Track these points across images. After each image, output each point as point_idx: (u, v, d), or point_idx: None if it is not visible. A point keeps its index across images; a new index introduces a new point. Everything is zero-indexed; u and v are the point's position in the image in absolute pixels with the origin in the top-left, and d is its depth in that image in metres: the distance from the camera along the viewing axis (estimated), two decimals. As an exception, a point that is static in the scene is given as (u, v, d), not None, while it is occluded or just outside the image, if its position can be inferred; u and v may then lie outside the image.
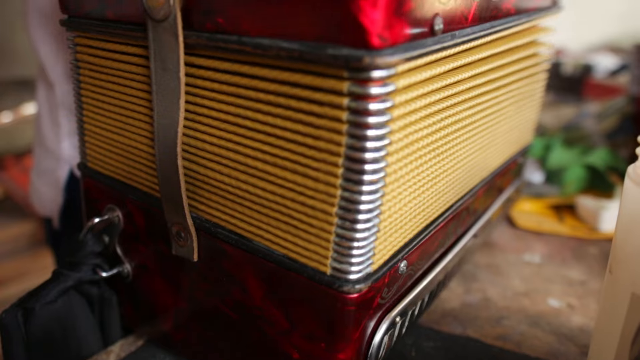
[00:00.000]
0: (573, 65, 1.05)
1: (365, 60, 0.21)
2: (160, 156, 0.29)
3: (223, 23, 0.25)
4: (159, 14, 0.26)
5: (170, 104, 0.27)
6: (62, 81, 0.49)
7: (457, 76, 0.29)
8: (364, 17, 0.21)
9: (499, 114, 0.37)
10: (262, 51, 0.23)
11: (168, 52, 0.26)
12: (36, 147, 0.56)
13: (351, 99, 0.22)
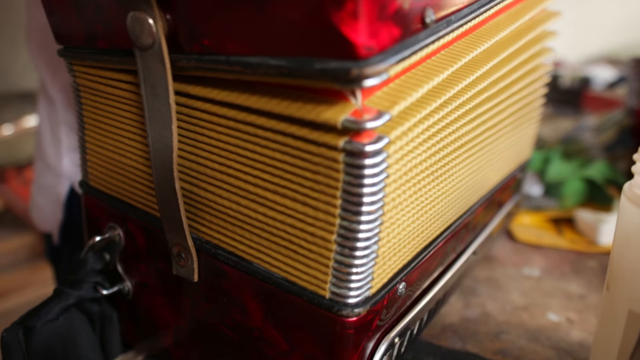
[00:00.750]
0: (571, 77, 1.06)
1: (353, 72, 0.21)
2: (158, 179, 0.29)
3: (209, 45, 0.25)
4: (145, 42, 0.26)
5: (162, 129, 0.28)
6: (63, 98, 0.49)
7: (457, 86, 0.28)
8: (346, 28, 0.20)
9: (498, 129, 0.38)
10: (251, 70, 0.23)
11: (156, 78, 0.27)
12: (37, 162, 0.56)
13: (346, 142, 0.22)
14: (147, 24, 0.25)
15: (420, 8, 0.23)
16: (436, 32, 0.25)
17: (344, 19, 0.20)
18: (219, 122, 0.27)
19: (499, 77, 0.34)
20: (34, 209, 0.59)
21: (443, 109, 0.28)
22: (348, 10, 0.20)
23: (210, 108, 0.27)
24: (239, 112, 0.26)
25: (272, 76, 0.23)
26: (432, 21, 0.24)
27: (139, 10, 0.25)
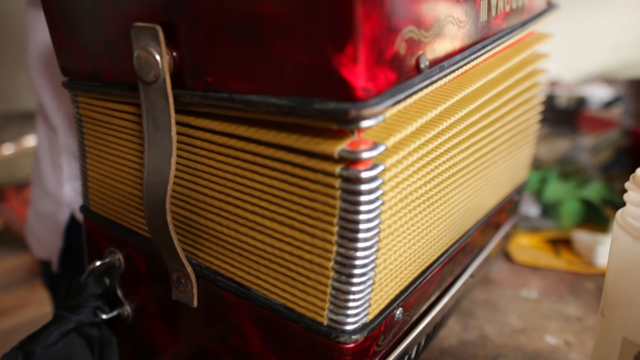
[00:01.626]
0: (567, 98, 1.07)
1: (351, 113, 0.21)
2: (150, 212, 0.30)
3: (213, 82, 0.26)
4: (149, 76, 0.26)
5: (161, 161, 0.28)
6: (65, 126, 0.50)
7: (450, 119, 0.29)
8: (346, 72, 0.21)
9: (493, 154, 0.38)
10: (253, 108, 0.24)
11: (159, 112, 0.27)
12: (35, 187, 0.56)
13: (343, 168, 0.23)
14: (154, 60, 0.26)
15: (415, 54, 0.24)
16: (430, 76, 0.26)
17: (344, 63, 0.21)
18: (219, 150, 0.27)
19: (493, 100, 0.35)
20: (30, 236, 0.58)
21: (438, 137, 0.29)
22: (348, 54, 0.21)
23: (210, 137, 0.27)
24: (238, 140, 0.26)
25: (273, 114, 0.24)
26: (426, 67, 0.25)
27: (147, 47, 0.26)
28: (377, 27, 0.21)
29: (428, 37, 0.25)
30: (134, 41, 0.26)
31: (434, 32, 0.25)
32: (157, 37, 0.25)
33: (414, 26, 0.24)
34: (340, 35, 0.20)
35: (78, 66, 0.33)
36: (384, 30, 0.22)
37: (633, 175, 0.26)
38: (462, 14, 0.28)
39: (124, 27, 0.28)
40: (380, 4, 0.21)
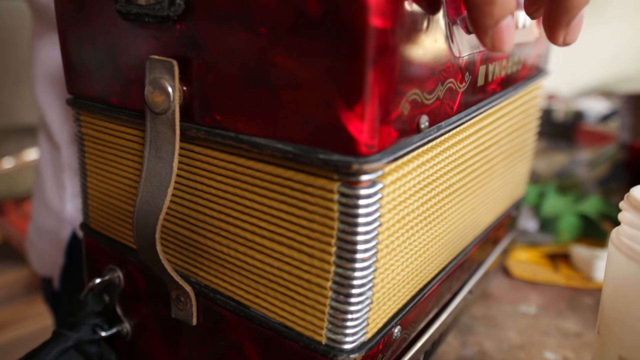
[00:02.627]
0: (565, 112, 1.07)
1: (353, 167, 0.22)
2: (139, 242, 0.30)
3: (220, 120, 0.26)
4: (159, 107, 0.27)
5: (157, 191, 0.29)
6: (69, 144, 0.50)
7: (447, 144, 0.30)
8: (352, 128, 0.22)
9: (491, 170, 0.39)
10: (258, 150, 0.25)
11: (164, 142, 0.28)
12: (36, 204, 0.56)
13: (341, 195, 0.23)
14: (166, 92, 0.26)
15: (416, 114, 0.26)
16: (428, 136, 0.27)
17: (352, 120, 0.22)
18: (218, 170, 0.28)
19: (490, 116, 0.36)
20: (31, 252, 0.58)
21: (436, 157, 0.29)
22: (357, 112, 0.22)
23: (211, 161, 0.28)
24: (237, 157, 0.27)
25: (278, 159, 0.25)
26: (426, 127, 0.26)
27: (160, 79, 0.27)
28: (386, 90, 0.22)
29: (430, 100, 0.26)
30: (148, 72, 0.27)
31: (435, 94, 0.27)
32: (172, 70, 0.26)
33: (418, 89, 0.25)
34: (351, 95, 0.22)
35: (86, 87, 0.33)
36: (391, 93, 0.23)
37: (627, 195, 0.26)
38: (462, 79, 0.29)
39: (138, 58, 0.29)
40: (391, 70, 0.22)
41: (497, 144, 0.38)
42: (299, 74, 0.23)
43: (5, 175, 1.56)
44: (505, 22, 0.23)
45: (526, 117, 0.43)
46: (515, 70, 0.38)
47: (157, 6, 0.26)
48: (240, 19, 0.24)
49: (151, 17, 0.27)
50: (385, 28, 0.21)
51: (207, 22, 0.25)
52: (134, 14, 0.27)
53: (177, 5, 0.26)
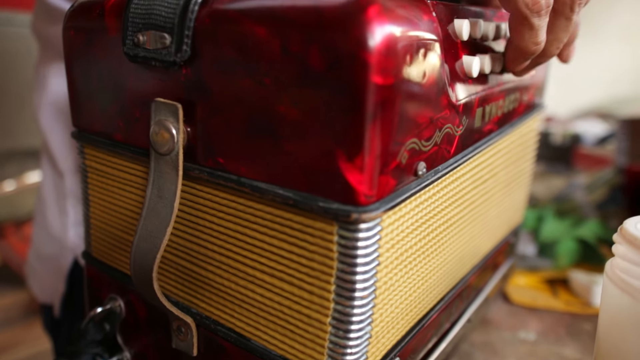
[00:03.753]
0: (562, 135, 1.08)
1: (352, 216, 0.23)
2: (137, 278, 0.31)
3: (223, 163, 0.27)
4: (163, 148, 0.28)
5: (156, 229, 0.29)
6: (72, 172, 0.50)
7: (444, 182, 0.30)
8: (352, 178, 0.23)
9: (488, 202, 0.39)
10: (259, 194, 0.26)
11: (166, 182, 0.28)
12: (38, 230, 0.56)
13: (340, 237, 0.24)
14: (170, 133, 0.27)
15: (414, 162, 0.26)
16: (425, 180, 0.28)
17: (351, 170, 0.23)
18: (219, 208, 0.28)
19: (487, 157, 0.36)
20: (33, 279, 0.58)
21: (433, 196, 0.30)
22: (357, 164, 0.23)
23: (213, 198, 0.28)
24: (238, 198, 0.27)
25: (279, 204, 0.25)
26: (423, 173, 0.27)
27: (165, 121, 0.27)
28: (385, 142, 0.23)
29: (427, 146, 0.27)
30: (153, 114, 0.28)
31: (433, 141, 0.27)
32: (177, 114, 0.27)
33: (416, 138, 0.26)
34: (351, 147, 0.22)
35: (91, 122, 0.34)
36: (390, 145, 0.24)
37: (620, 227, 0.27)
38: (459, 123, 0.30)
39: (144, 98, 0.29)
40: (391, 123, 0.23)
41: (494, 176, 0.39)
42: (302, 124, 0.23)
43: (6, 198, 1.57)
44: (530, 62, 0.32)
45: (524, 148, 0.44)
46: (512, 109, 0.39)
47: (164, 51, 0.27)
48: (245, 68, 0.25)
49: (158, 62, 0.27)
50: (385, 84, 0.22)
51: (213, 68, 0.26)
52: (142, 57, 0.28)
53: (183, 52, 0.26)
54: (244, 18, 0.24)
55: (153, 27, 0.27)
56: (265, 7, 0.24)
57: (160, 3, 0.27)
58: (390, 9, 0.23)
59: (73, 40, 0.33)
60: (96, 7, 0.31)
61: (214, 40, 0.26)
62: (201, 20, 0.26)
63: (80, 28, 0.32)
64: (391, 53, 0.22)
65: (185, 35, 0.26)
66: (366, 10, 0.22)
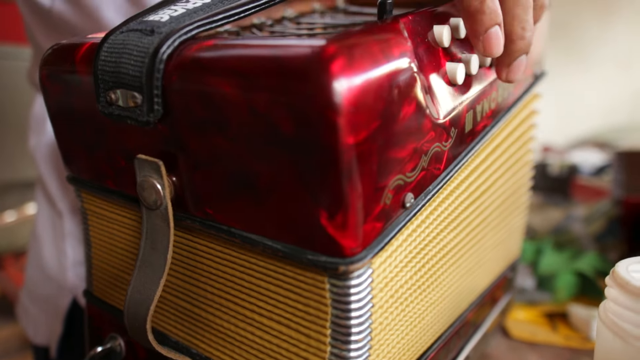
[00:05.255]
0: (559, 165, 1.09)
1: (340, 268, 0.23)
2: (131, 329, 0.31)
3: (212, 214, 0.27)
4: (151, 203, 0.28)
5: (149, 281, 0.29)
6: (71, 212, 0.50)
7: (436, 202, 0.30)
8: (335, 234, 0.23)
9: (484, 225, 0.39)
10: (250, 245, 0.26)
11: (159, 234, 0.28)
12: (32, 271, 0.55)
13: (332, 285, 0.24)
14: (156, 190, 0.27)
15: (401, 196, 0.26)
16: (415, 207, 0.27)
17: (333, 227, 0.23)
18: (216, 253, 0.29)
19: (480, 160, 0.35)
20: (26, 320, 0.56)
21: (425, 220, 0.29)
22: (338, 221, 0.23)
23: (207, 250, 0.29)
24: (231, 250, 0.28)
25: (269, 255, 0.25)
26: (412, 203, 0.27)
27: (149, 178, 0.27)
28: (366, 194, 0.23)
29: (413, 176, 0.26)
30: (137, 170, 0.28)
31: (419, 168, 0.27)
32: (159, 170, 0.27)
33: (400, 174, 0.25)
34: (331, 206, 0.22)
35: (82, 170, 0.34)
36: (371, 195, 0.23)
37: (612, 271, 0.27)
38: (447, 137, 0.29)
39: (126, 149, 0.29)
40: (369, 174, 0.23)
41: (489, 189, 0.37)
42: (279, 183, 0.23)
43: (6, 229, 1.57)
44: (493, 30, 0.27)
45: (518, 171, 0.43)
46: (507, 95, 0.37)
47: (137, 110, 0.26)
48: (216, 126, 0.24)
49: (133, 120, 0.27)
50: (358, 141, 0.22)
51: (187, 125, 0.26)
52: (116, 115, 0.27)
53: (155, 111, 0.26)
54: (209, 74, 0.24)
55: (123, 86, 0.26)
56: (228, 62, 0.23)
57: (126, 60, 0.26)
58: (356, 59, 0.21)
59: (50, 90, 0.32)
60: (68, 58, 0.31)
61: (183, 98, 0.25)
62: (168, 77, 0.25)
63: (55, 78, 0.32)
64: (361, 107, 0.21)
65: (155, 95, 0.26)
66: (329, 66, 0.20)
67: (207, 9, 0.28)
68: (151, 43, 0.26)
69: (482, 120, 0.33)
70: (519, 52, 0.29)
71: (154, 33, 0.26)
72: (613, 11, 1.86)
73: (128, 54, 0.26)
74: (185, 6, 0.28)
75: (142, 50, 0.26)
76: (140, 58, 0.26)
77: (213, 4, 0.29)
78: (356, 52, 0.22)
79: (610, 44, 1.89)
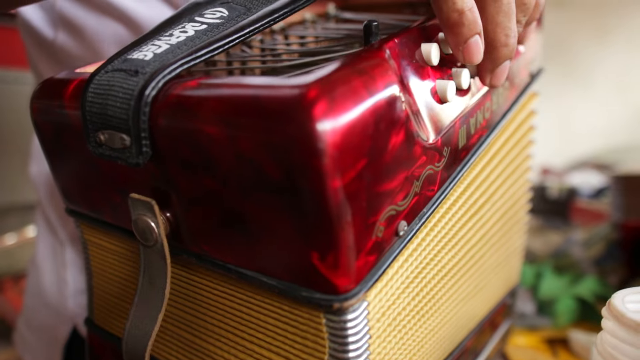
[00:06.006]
0: (559, 188, 1.10)
1: (335, 305, 0.24)
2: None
3: (208, 250, 0.27)
4: (147, 240, 0.28)
5: (148, 317, 0.29)
6: (73, 241, 0.50)
7: (432, 222, 0.30)
8: (327, 274, 0.23)
9: (481, 253, 0.38)
10: (247, 281, 0.26)
11: (156, 270, 0.28)
12: (31, 299, 0.55)
13: (328, 320, 0.25)
14: (150, 228, 0.27)
15: (393, 226, 0.26)
16: (409, 233, 0.27)
17: (326, 267, 0.23)
18: (215, 287, 0.29)
19: (477, 172, 0.34)
20: (23, 349, 0.56)
21: (421, 243, 0.29)
22: (329, 262, 0.23)
23: (204, 280, 0.29)
24: (229, 285, 0.28)
25: (265, 291, 0.26)
26: (405, 231, 0.27)
27: (144, 216, 0.27)
28: (356, 231, 0.23)
29: (404, 204, 0.26)
30: (132, 209, 0.28)
31: (411, 195, 0.27)
32: (152, 209, 0.27)
33: (391, 206, 0.25)
34: (321, 248, 0.23)
35: (80, 204, 0.34)
36: (362, 231, 0.23)
37: (608, 302, 0.28)
38: (439, 157, 0.29)
39: (120, 186, 0.29)
40: (358, 211, 0.23)
41: (487, 203, 0.37)
42: (270, 224, 0.24)
43: (6, 252, 1.56)
44: (473, 40, 0.27)
45: (516, 192, 0.42)
46: (502, 100, 0.36)
47: (126, 152, 0.26)
48: (205, 168, 0.24)
49: (123, 161, 0.27)
50: (346, 183, 0.22)
51: (176, 167, 0.26)
52: (107, 155, 0.27)
53: (144, 153, 0.26)
54: (193, 116, 0.24)
55: (111, 127, 0.26)
56: (211, 104, 0.23)
57: (112, 102, 0.26)
58: (338, 99, 0.21)
59: (42, 129, 0.32)
60: (57, 95, 0.30)
61: (171, 139, 0.25)
62: (154, 119, 0.25)
63: (46, 113, 0.32)
64: (346, 149, 0.21)
65: (143, 137, 0.25)
66: (311, 111, 0.20)
67: (190, 43, 0.27)
68: (136, 84, 0.25)
69: (476, 132, 0.33)
70: (502, 58, 0.29)
71: (138, 74, 0.26)
72: (609, 30, 1.88)
73: (114, 95, 0.26)
74: (169, 41, 0.28)
75: (127, 92, 0.25)
76: (126, 100, 0.25)
77: (197, 36, 0.28)
78: (338, 92, 0.21)
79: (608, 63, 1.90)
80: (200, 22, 0.29)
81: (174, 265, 0.29)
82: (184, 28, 0.29)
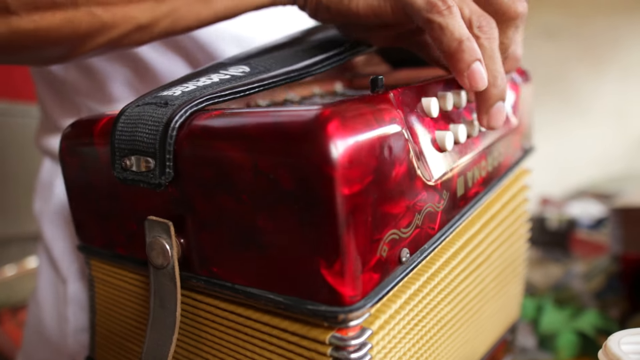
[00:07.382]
0: (558, 219, 1.10)
1: (340, 317, 0.25)
2: None
3: (217, 272, 0.29)
4: (159, 262, 0.29)
5: (163, 337, 0.30)
6: (77, 279, 0.50)
7: (433, 268, 0.31)
8: (334, 282, 0.24)
9: (481, 304, 0.39)
10: (253, 300, 0.27)
11: (166, 293, 0.30)
12: (30, 335, 0.54)
13: (333, 348, 0.25)
14: (164, 249, 0.29)
15: (396, 251, 0.27)
16: (411, 264, 0.29)
17: (332, 276, 0.24)
18: (221, 321, 0.30)
19: (476, 238, 0.36)
20: None
21: (424, 286, 0.30)
22: (336, 269, 0.24)
23: (213, 309, 0.30)
24: (238, 316, 0.29)
25: (271, 307, 0.27)
26: (407, 258, 0.28)
27: (159, 238, 0.29)
28: (362, 244, 0.25)
29: (408, 232, 0.28)
30: (147, 231, 0.29)
31: (413, 225, 0.28)
32: (168, 231, 0.29)
33: (395, 229, 0.27)
34: (329, 255, 0.24)
35: (94, 238, 0.36)
36: (367, 244, 0.25)
37: (605, 344, 0.28)
38: (439, 199, 0.30)
39: (138, 214, 0.31)
40: (365, 225, 0.25)
41: (488, 259, 0.38)
42: (281, 236, 0.25)
43: (5, 283, 1.56)
44: (475, 65, 0.29)
45: (514, 222, 0.44)
46: (497, 164, 0.38)
47: (150, 174, 0.29)
48: (223, 187, 0.27)
49: (145, 183, 0.29)
50: (353, 193, 0.24)
51: (196, 187, 0.28)
52: (130, 179, 0.30)
53: (167, 174, 0.28)
54: (217, 140, 0.27)
55: (138, 152, 0.29)
56: (234, 129, 0.26)
57: (142, 130, 0.29)
58: (349, 120, 0.24)
59: (69, 165, 0.35)
60: (86, 132, 0.33)
61: (193, 162, 0.28)
62: (180, 143, 0.28)
63: (74, 151, 0.34)
64: (355, 163, 0.23)
65: (167, 159, 0.28)
66: (326, 126, 0.23)
67: (215, 86, 0.31)
68: (165, 114, 0.28)
69: (473, 186, 0.35)
70: (494, 97, 0.31)
71: (168, 105, 0.29)
72: (604, 61, 1.90)
73: (144, 123, 0.29)
74: (196, 84, 0.32)
75: (156, 120, 0.28)
76: (154, 127, 0.28)
77: (221, 82, 0.32)
78: (349, 115, 0.24)
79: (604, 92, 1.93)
80: (225, 73, 0.33)
81: (182, 290, 0.30)
82: (209, 77, 0.33)
